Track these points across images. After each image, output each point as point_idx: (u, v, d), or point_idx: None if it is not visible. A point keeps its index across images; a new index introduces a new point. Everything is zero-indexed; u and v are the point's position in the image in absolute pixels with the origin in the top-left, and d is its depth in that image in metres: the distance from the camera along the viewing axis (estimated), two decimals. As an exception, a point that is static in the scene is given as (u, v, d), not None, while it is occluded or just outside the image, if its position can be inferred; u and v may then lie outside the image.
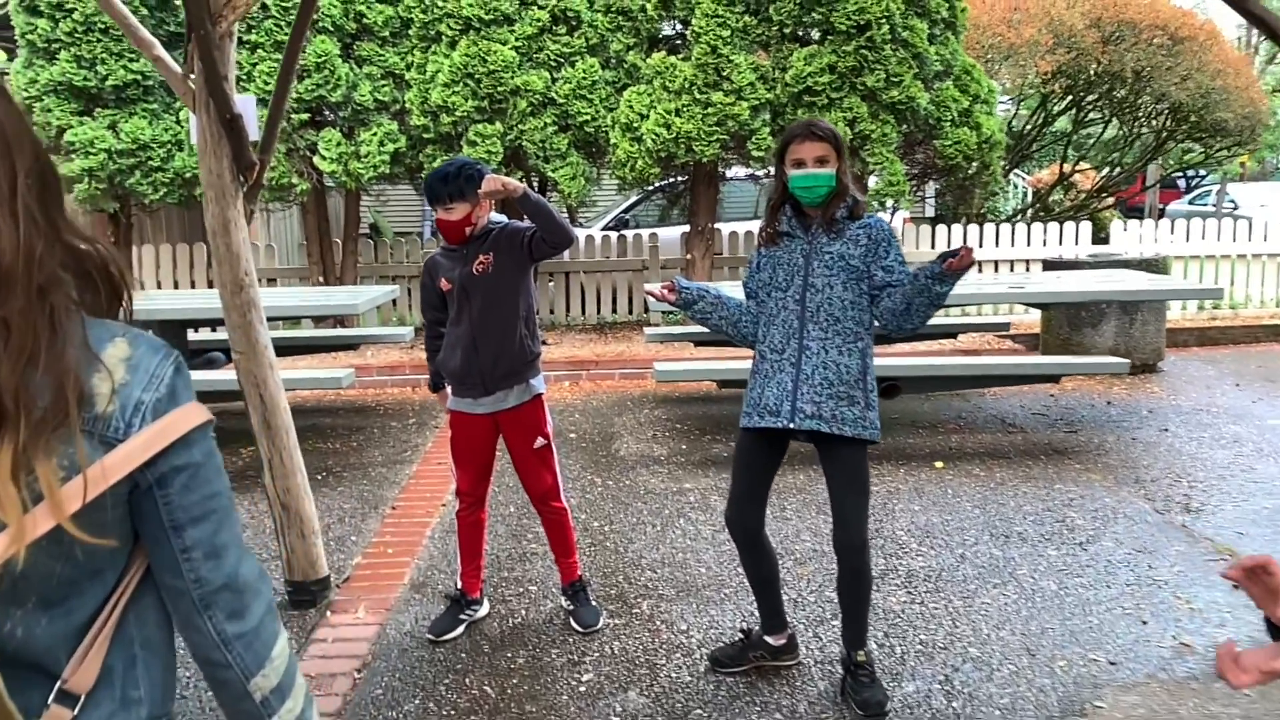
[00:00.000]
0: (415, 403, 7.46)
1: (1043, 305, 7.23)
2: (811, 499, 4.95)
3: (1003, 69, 12.21)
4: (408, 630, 3.70)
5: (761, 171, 9.27)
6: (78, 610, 1.06)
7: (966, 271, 2.84)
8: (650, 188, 10.17)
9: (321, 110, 8.31)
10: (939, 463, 5.53)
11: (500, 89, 8.08)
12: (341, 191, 8.98)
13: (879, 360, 3.24)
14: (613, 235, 10.18)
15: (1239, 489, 5.01)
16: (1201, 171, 21.53)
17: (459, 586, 3.78)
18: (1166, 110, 13.25)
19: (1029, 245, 9.93)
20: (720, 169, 9.09)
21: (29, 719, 1.03)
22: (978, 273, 9.34)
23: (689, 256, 9.27)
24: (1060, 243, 9.90)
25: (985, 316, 7.79)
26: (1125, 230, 10.05)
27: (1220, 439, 5.90)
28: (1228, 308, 9.90)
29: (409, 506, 5.15)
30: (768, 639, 3.30)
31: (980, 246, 9.76)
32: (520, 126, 8.21)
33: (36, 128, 8.02)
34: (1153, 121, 13.84)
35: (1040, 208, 14.54)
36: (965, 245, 2.79)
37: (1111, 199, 15.25)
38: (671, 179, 9.70)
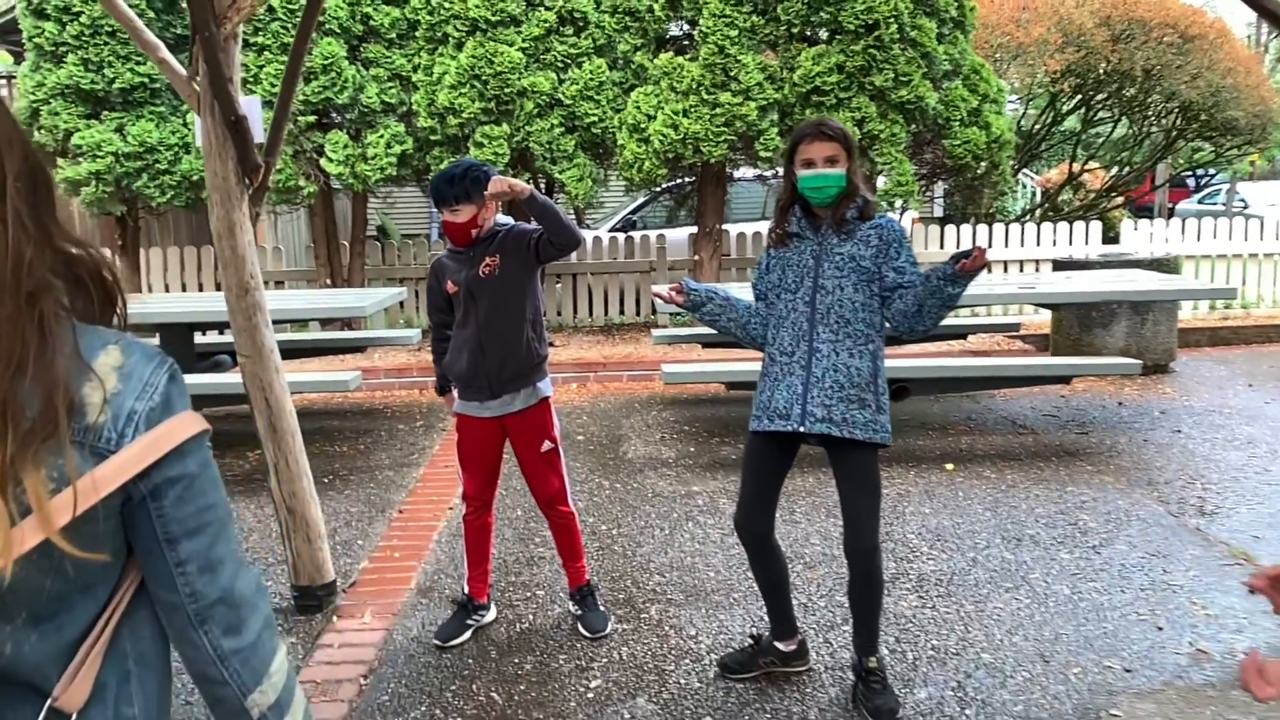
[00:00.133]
0: (422, 405, 7.44)
1: (1053, 306, 7.18)
2: (821, 502, 4.91)
3: (1011, 68, 12.15)
4: (414, 636, 3.68)
5: (769, 172, 9.23)
6: (69, 626, 1.03)
7: (979, 273, 2.80)
8: (658, 189, 10.14)
9: (328, 112, 8.29)
10: (949, 465, 5.49)
11: (507, 90, 8.05)
12: (349, 194, 8.96)
13: (888, 362, 3.20)
14: (620, 236, 10.15)
15: (1254, 491, 4.96)
16: (1211, 170, 21.40)
17: (466, 591, 3.75)
18: (1176, 109, 13.17)
19: (1038, 245, 9.88)
20: (728, 170, 9.05)
21: None
22: (987, 273, 9.28)
23: (697, 258, 9.23)
24: (1070, 243, 9.84)
25: (995, 317, 7.73)
26: (1136, 230, 9.98)
27: (1234, 440, 5.85)
28: (1239, 307, 9.83)
29: (416, 510, 5.13)
30: (778, 645, 3.26)
31: (990, 246, 9.69)
32: (527, 128, 8.19)
33: (44, 131, 8.08)
34: (1162, 120, 13.76)
35: (1049, 208, 14.47)
36: (978, 246, 2.75)
37: (1121, 199, 15.16)
38: (679, 180, 9.66)
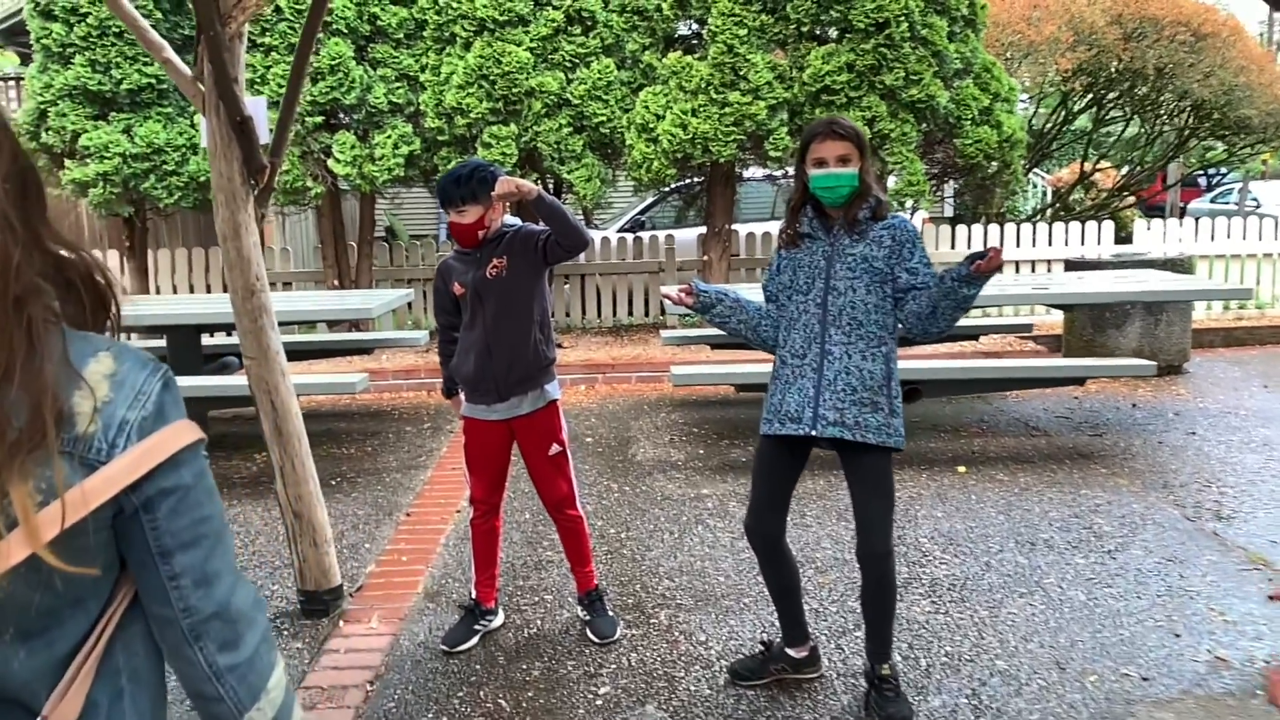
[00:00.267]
0: (430, 407, 7.41)
1: (1067, 306, 7.11)
2: (832, 505, 4.86)
3: (1022, 67, 12.07)
4: (421, 641, 3.64)
5: (779, 172, 9.17)
6: (59, 641, 1.00)
7: (994, 274, 2.75)
8: (666, 189, 10.09)
9: (336, 113, 8.27)
10: (961, 467, 5.43)
11: (515, 90, 8.01)
12: (356, 195, 8.94)
13: (899, 363, 3.15)
14: (629, 237, 10.11)
15: (1271, 495, 4.89)
16: (1223, 170, 21.27)
17: (473, 596, 3.71)
18: (1189, 108, 13.09)
19: (1050, 245, 9.81)
20: (737, 169, 9.00)
21: None
22: (999, 273, 9.22)
23: (706, 258, 9.18)
24: (1082, 242, 9.77)
25: (1007, 318, 7.67)
26: (1149, 229, 9.90)
27: (1250, 443, 5.78)
28: (1253, 307, 9.75)
29: (423, 513, 5.09)
30: (789, 651, 3.22)
31: (1001, 246, 9.62)
32: (535, 128, 8.15)
33: (52, 132, 8.07)
34: (1175, 119, 13.68)
35: (1060, 207, 14.38)
36: (994, 247, 2.71)
37: (1132, 198, 15.07)
38: (688, 180, 9.62)
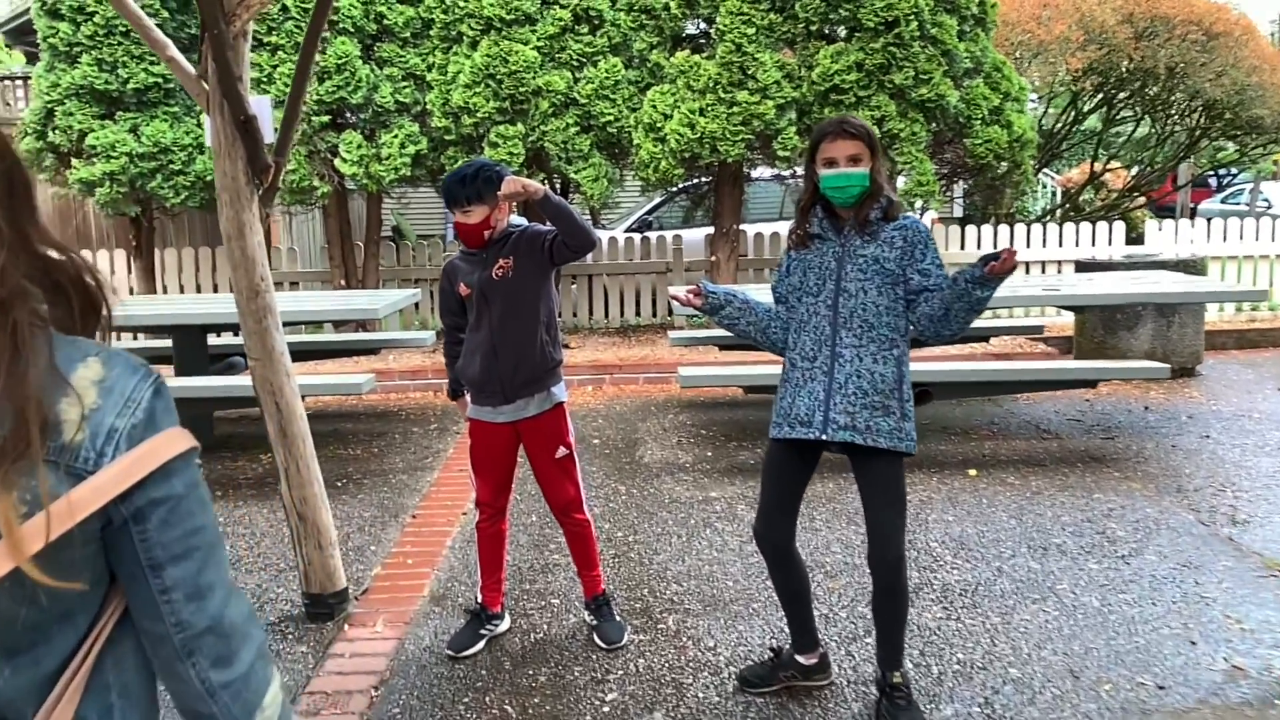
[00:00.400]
0: (437, 407, 7.37)
1: (1079, 308, 7.04)
2: (841, 509, 4.81)
3: (1032, 66, 12.00)
4: (427, 645, 3.60)
5: (787, 172, 9.12)
6: (46, 658, 0.96)
7: (1009, 276, 2.70)
8: (674, 189, 10.06)
9: (342, 112, 8.24)
10: (972, 470, 5.38)
11: (522, 90, 7.98)
12: (363, 194, 8.91)
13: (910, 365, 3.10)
14: (636, 237, 10.07)
15: (1286, 499, 4.83)
16: (1233, 170, 21.16)
17: (479, 600, 3.68)
18: (1200, 107, 13.00)
19: (1060, 246, 9.74)
20: (745, 169, 8.95)
21: None
22: (1024, 275, 9.15)
23: (714, 258, 9.14)
24: (1093, 243, 9.70)
25: (1017, 319, 7.61)
26: (1160, 230, 9.82)
27: (1264, 446, 5.71)
28: (1266, 309, 9.66)
29: (430, 515, 5.06)
30: (799, 658, 3.17)
31: (1011, 247, 9.57)
32: (542, 127, 8.12)
33: (58, 131, 8.06)
34: (1186, 119, 13.58)
35: (1070, 208, 14.30)
36: (1007, 248, 2.66)
37: (1143, 199, 14.98)
38: (696, 180, 9.57)
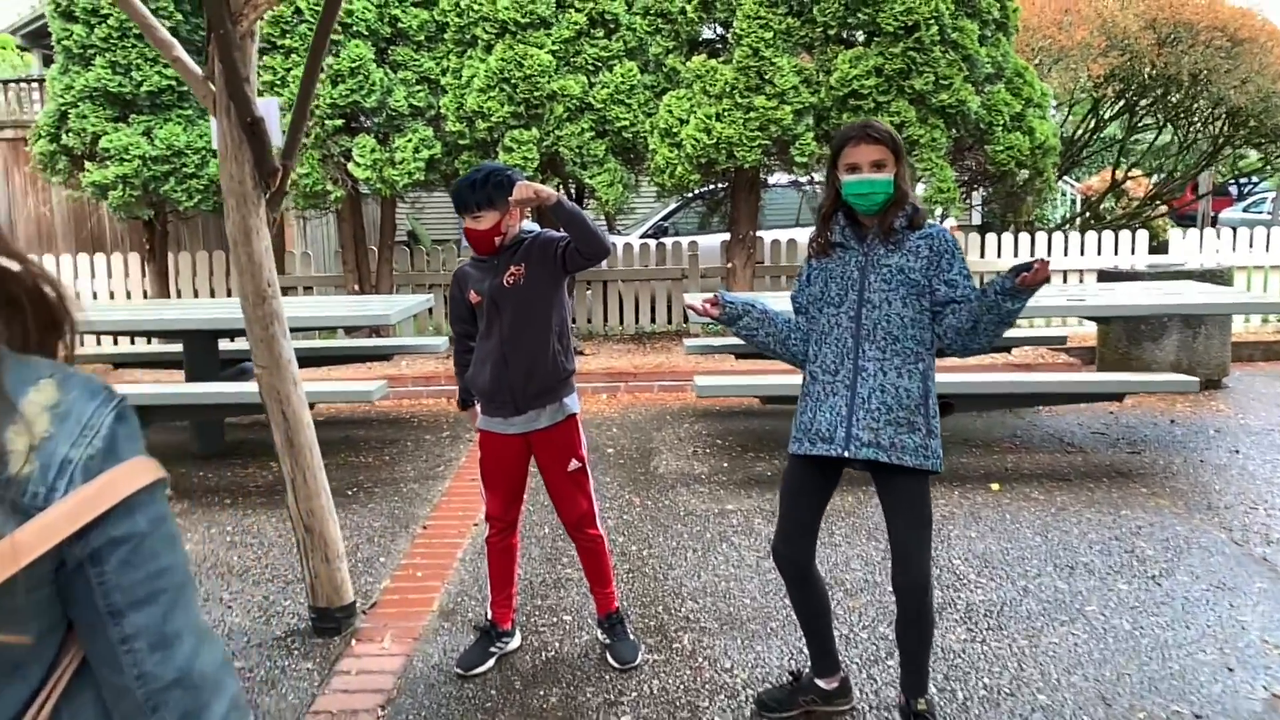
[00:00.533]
0: (450, 414, 7.28)
1: (1104, 319, 6.89)
2: (861, 523, 4.69)
3: (1053, 72, 11.86)
4: (435, 663, 3.50)
5: (805, 178, 9.01)
6: None
7: (1041, 287, 2.59)
8: (690, 194, 9.96)
9: (356, 116, 8.17)
10: (995, 485, 5.25)
11: (537, 94, 7.90)
12: (377, 199, 8.84)
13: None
14: (651, 243, 9.98)
15: (1321, 517, 4.68)
16: (1254, 179, 20.93)
17: (489, 616, 3.58)
18: (1224, 114, 12.82)
19: (1082, 255, 9.58)
20: (762, 175, 8.84)
21: None
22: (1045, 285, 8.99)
23: (730, 265, 9.03)
24: (1115, 252, 9.54)
25: (1039, 329, 7.47)
26: (1184, 239, 9.66)
27: (1296, 461, 5.56)
28: (1293, 320, 9.49)
29: (440, 526, 4.96)
30: (819, 682, 3.06)
31: (1033, 255, 9.43)
32: (557, 132, 8.03)
33: (72, 134, 8.02)
34: (1209, 126, 13.40)
35: (1091, 216, 14.13)
36: (1040, 259, 2.54)
37: (1165, 207, 14.79)
38: (712, 185, 9.47)
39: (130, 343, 8.70)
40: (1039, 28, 11.47)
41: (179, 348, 6.66)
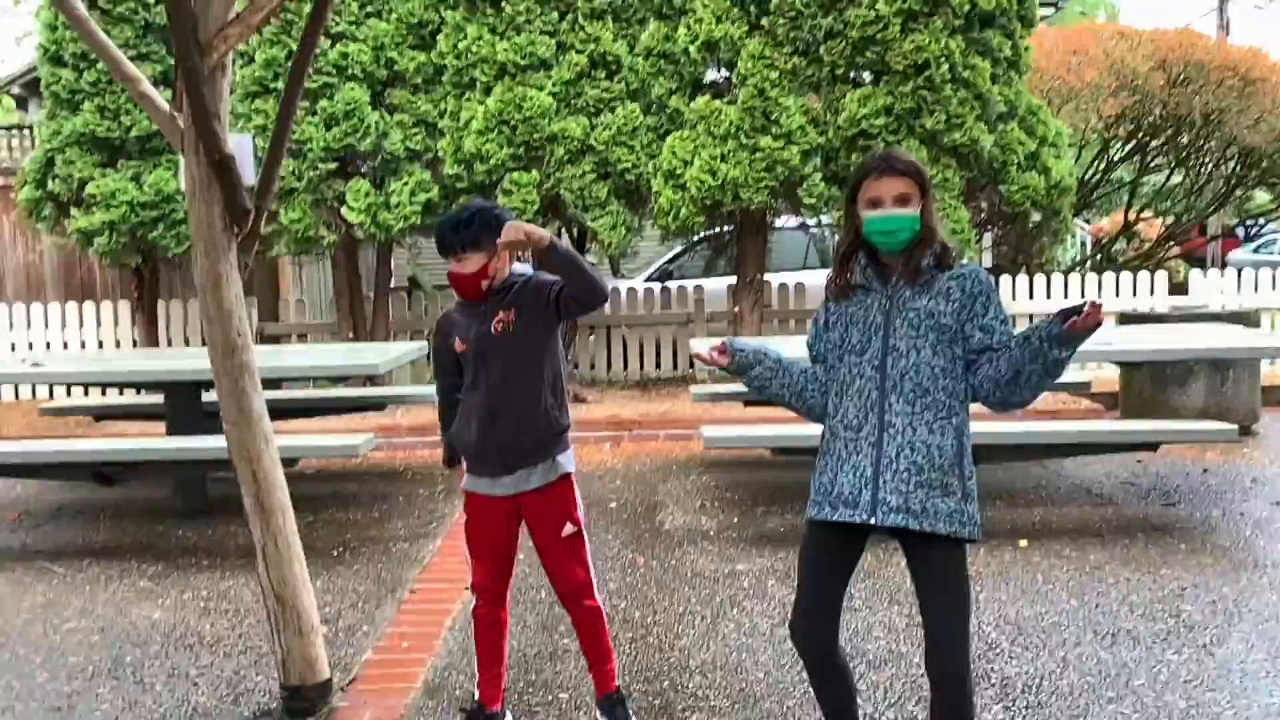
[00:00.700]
0: (444, 467, 6.97)
1: (1132, 364, 6.57)
2: (883, 585, 4.36)
3: (1063, 113, 11.68)
4: (416, 750, 3.17)
5: (813, 220, 8.77)
6: None
7: (1093, 333, 2.29)
8: (695, 237, 9.73)
9: (351, 160, 7.96)
10: (1023, 541, 4.92)
11: (537, 136, 7.70)
12: (375, 244, 8.61)
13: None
14: (656, 287, 9.76)
15: (1378, 576, 4.34)
16: (1260, 220, 20.79)
17: (476, 697, 3.25)
18: (1236, 155, 12.63)
19: (1100, 296, 9.32)
20: (769, 217, 8.60)
21: None
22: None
23: (737, 309, 8.78)
24: (1134, 293, 9.28)
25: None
26: (1205, 280, 9.39)
27: (1342, 514, 5.23)
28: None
29: (430, 590, 4.65)
30: (843, 775, 2.72)
31: (1049, 298, 9.19)
32: (558, 174, 7.82)
33: (58, 180, 7.82)
34: (1220, 167, 13.21)
35: (1103, 258, 13.89)
36: (1091, 301, 2.25)
37: (1178, 248, 14.55)
38: (717, 228, 9.23)
39: (119, 394, 8.42)
40: (1048, 69, 11.30)
41: (161, 399, 6.38)
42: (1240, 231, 21.29)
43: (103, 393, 8.70)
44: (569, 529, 3.12)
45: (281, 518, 3.50)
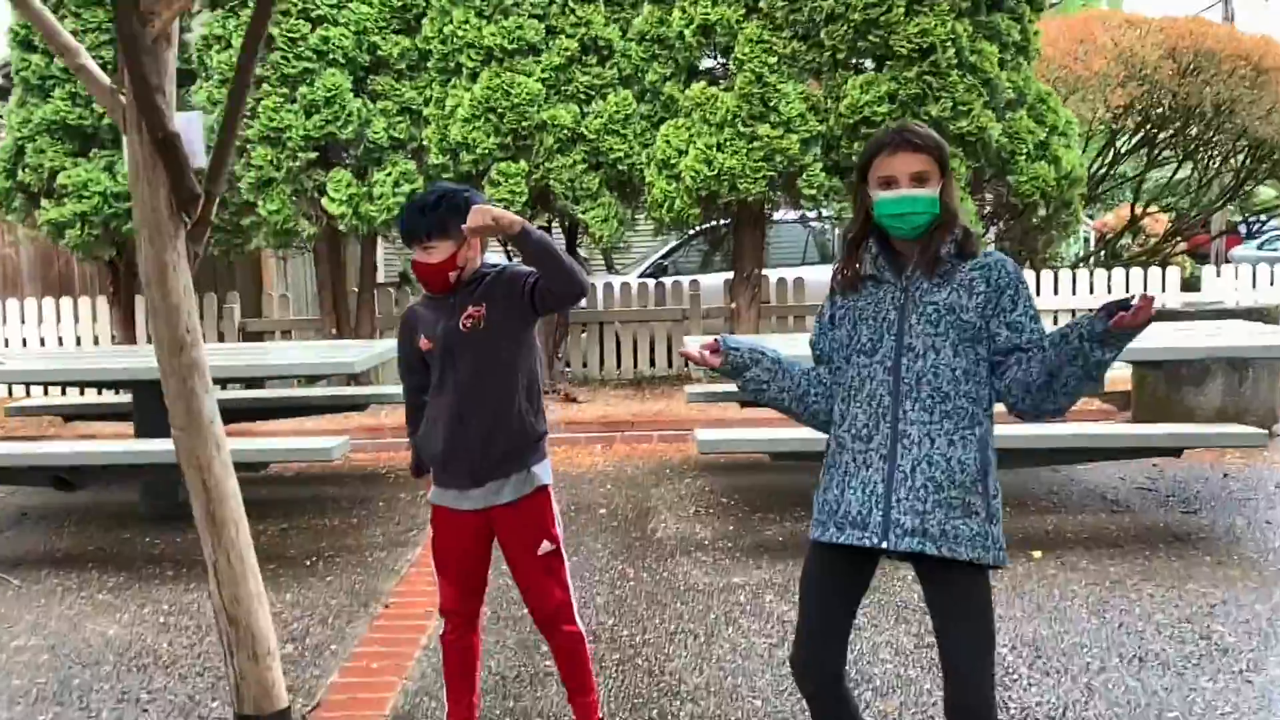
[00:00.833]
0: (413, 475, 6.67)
1: (1149, 363, 6.26)
2: (888, 601, 4.07)
3: (1069, 103, 11.38)
4: (378, 790, 2.88)
5: (813, 213, 8.46)
6: None
7: (1142, 331, 2.00)
8: (691, 231, 9.43)
9: (332, 148, 7.64)
10: (1036, 552, 4.63)
11: (525, 124, 7.39)
12: (358, 236, 8.31)
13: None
14: (650, 282, 9.47)
15: None
16: (1261, 216, 20.56)
17: (445, 730, 2.96)
18: (1246, 147, 12.34)
19: (1109, 293, 9.04)
20: (767, 210, 8.30)
21: None
22: (1053, 325, 8.39)
23: (733, 305, 8.48)
24: (1145, 290, 8.97)
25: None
26: (1219, 276, 9.10)
27: (1374, 522, 4.94)
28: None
29: (405, 604, 4.35)
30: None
31: (1056, 294, 8.90)
32: (547, 164, 7.51)
33: (29, 170, 7.50)
34: (1229, 160, 12.92)
35: (1109, 253, 13.60)
36: (1143, 294, 1.96)
37: (1185, 244, 14.27)
38: (713, 221, 8.93)
39: (98, 394, 8.11)
40: (1054, 58, 10.99)
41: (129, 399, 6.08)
42: (1242, 228, 21.04)
43: (81, 392, 8.40)
44: (545, 547, 2.83)
45: (234, 531, 3.20)
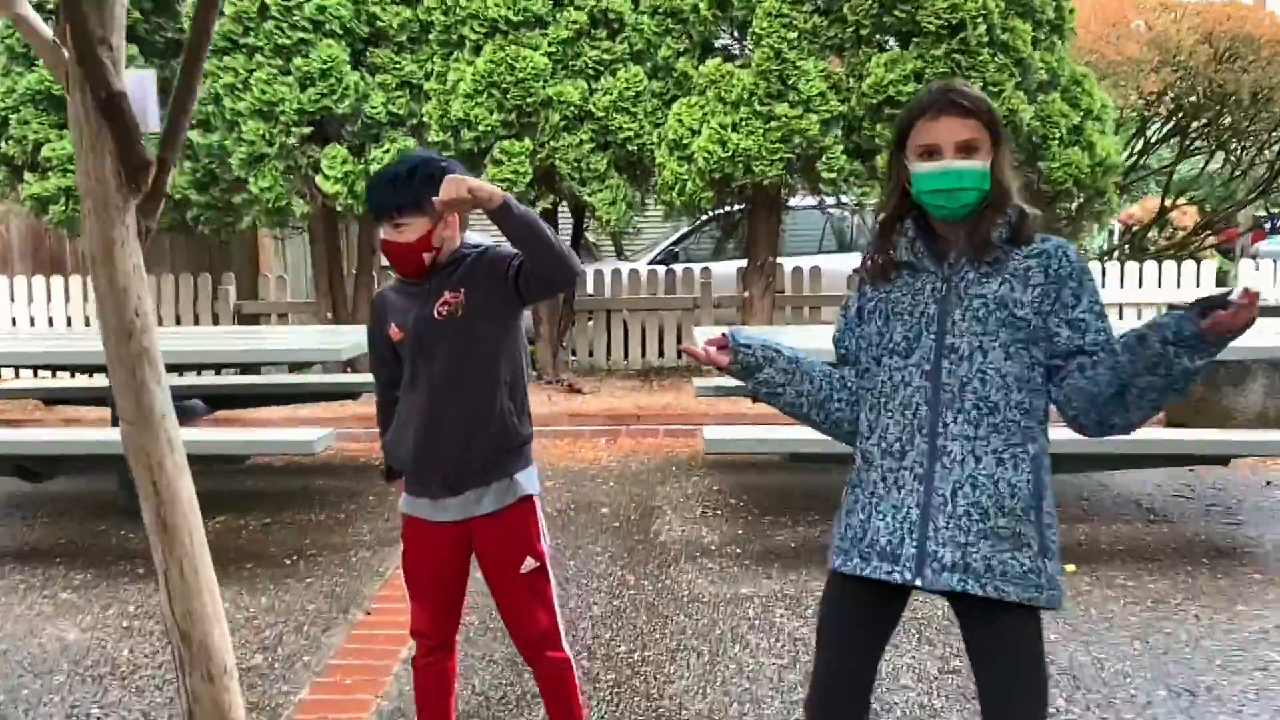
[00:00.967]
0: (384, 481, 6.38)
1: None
2: (909, 618, 3.72)
3: (1099, 89, 10.98)
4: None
5: (832, 199, 8.10)
6: None
7: (1241, 335, 1.65)
8: (703, 216, 9.08)
9: (328, 124, 7.31)
10: (1070, 566, 4.28)
11: (530, 100, 7.05)
12: (354, 216, 7.99)
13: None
14: (660, 270, 9.14)
15: None
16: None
17: (417, 765, 2.65)
18: (1284, 137, 11.90)
19: (1140, 287, 8.67)
20: (784, 194, 7.94)
21: None
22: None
23: (746, 295, 8.14)
24: (1178, 285, 8.62)
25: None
26: (1257, 271, 8.70)
27: None
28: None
29: (387, 609, 4.05)
30: None
31: (1251, 288, 8.51)
32: (553, 143, 7.18)
33: (12, 142, 7.20)
34: (1265, 151, 12.47)
35: (1135, 246, 13.17)
36: (1247, 289, 1.61)
37: (1213, 238, 13.82)
38: (727, 205, 8.58)
39: (89, 377, 7.84)
40: (1084, 42, 10.57)
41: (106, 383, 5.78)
42: (1268, 224, 20.58)
43: (72, 375, 8.13)
44: (529, 564, 2.50)
45: (189, 539, 2.88)
